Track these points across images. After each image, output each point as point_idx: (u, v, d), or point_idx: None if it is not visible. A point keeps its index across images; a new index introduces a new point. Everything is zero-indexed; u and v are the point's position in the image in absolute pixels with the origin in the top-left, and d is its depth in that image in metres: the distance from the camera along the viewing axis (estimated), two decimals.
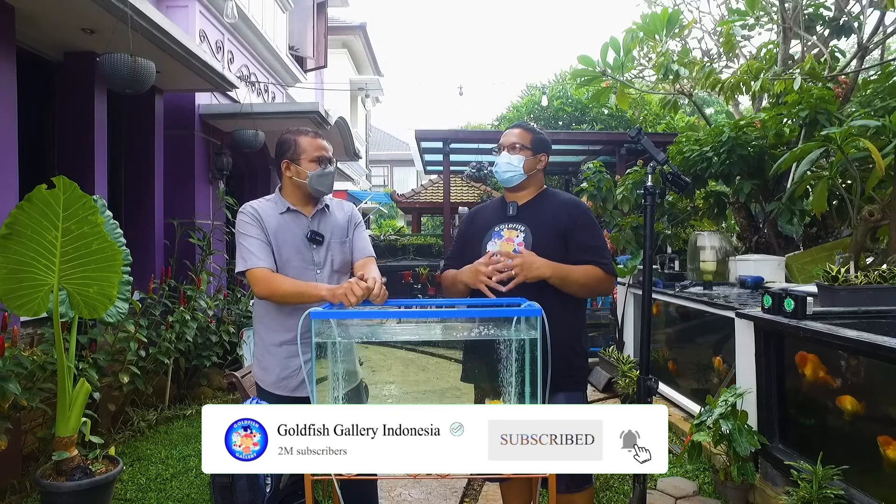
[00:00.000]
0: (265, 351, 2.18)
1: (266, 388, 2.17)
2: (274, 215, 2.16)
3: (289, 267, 2.12)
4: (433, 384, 3.50)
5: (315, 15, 10.11)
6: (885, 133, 3.52)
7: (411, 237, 13.66)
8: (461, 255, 2.29)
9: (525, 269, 1.98)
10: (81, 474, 2.81)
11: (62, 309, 2.92)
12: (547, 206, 2.21)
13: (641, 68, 7.39)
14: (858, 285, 2.78)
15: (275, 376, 2.15)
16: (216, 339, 5.00)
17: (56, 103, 4.52)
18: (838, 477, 2.38)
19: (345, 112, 14.54)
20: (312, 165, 2.16)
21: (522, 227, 2.17)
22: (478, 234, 2.25)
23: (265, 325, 2.18)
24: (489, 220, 2.26)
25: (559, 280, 2.03)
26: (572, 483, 2.12)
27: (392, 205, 16.77)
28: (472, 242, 2.25)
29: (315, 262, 2.17)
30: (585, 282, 2.08)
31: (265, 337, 2.18)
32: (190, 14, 5.94)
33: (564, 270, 2.04)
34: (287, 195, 2.22)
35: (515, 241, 2.15)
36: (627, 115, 13.32)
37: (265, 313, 2.17)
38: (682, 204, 5.69)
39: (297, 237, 2.16)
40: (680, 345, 4.70)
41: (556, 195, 2.27)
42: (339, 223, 2.26)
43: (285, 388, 2.14)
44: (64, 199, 2.56)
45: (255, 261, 2.06)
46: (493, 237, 2.20)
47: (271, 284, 2.05)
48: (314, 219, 2.21)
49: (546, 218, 2.17)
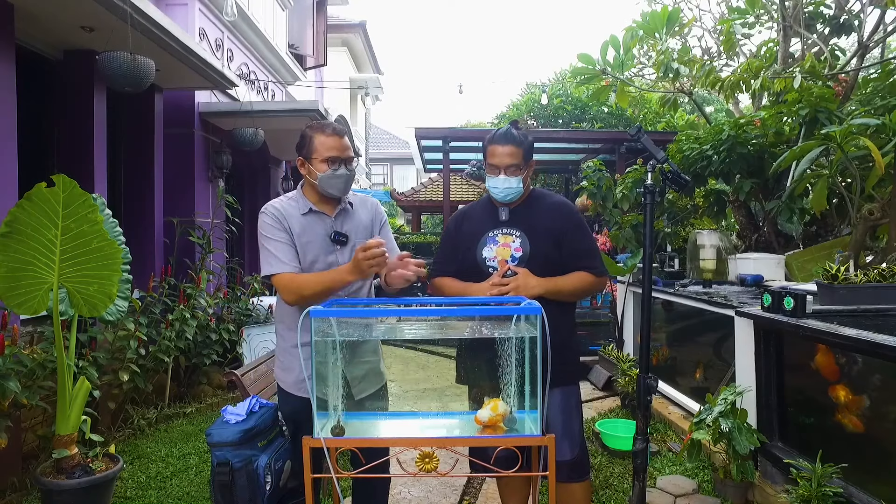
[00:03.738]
0: (286, 351, 2.13)
1: (286, 389, 2.13)
2: (297, 216, 2.08)
3: (314, 269, 2.06)
4: (433, 382, 3.50)
5: (315, 13, 10.10)
6: (884, 131, 3.52)
7: (411, 236, 13.66)
8: (450, 261, 2.28)
9: (521, 290, 2.04)
10: (81, 472, 2.82)
11: (62, 307, 2.92)
12: (539, 209, 2.22)
13: (641, 66, 7.38)
14: (858, 284, 2.78)
15: (295, 377, 2.09)
16: (216, 338, 5.00)
17: (55, 101, 4.51)
18: (837, 475, 2.38)
19: (344, 110, 14.54)
20: (323, 166, 2.04)
21: (518, 231, 2.17)
22: (469, 239, 2.23)
23: (286, 324, 2.13)
24: (481, 224, 2.24)
25: (553, 294, 2.10)
26: (573, 473, 2.15)
27: (392, 203, 16.74)
28: (463, 248, 2.23)
29: (340, 264, 2.08)
30: (577, 290, 2.17)
31: (286, 337, 2.12)
32: (189, 12, 5.93)
33: (557, 286, 2.11)
34: (307, 193, 2.14)
35: (512, 247, 2.15)
36: (627, 114, 13.30)
37: (286, 313, 2.11)
38: (681, 202, 5.69)
39: (321, 238, 2.09)
40: (680, 343, 4.70)
41: (545, 197, 2.28)
42: (363, 222, 2.19)
43: (305, 389, 2.11)
44: (63, 197, 2.56)
45: (280, 265, 2.00)
46: (487, 243, 2.18)
47: (296, 289, 1.98)
48: (337, 218, 2.13)
49: (540, 222, 2.18)
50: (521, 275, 2.08)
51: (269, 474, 1.86)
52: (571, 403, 2.20)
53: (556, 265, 2.14)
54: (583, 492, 2.21)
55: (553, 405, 2.10)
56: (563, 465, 2.10)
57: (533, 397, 1.79)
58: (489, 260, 2.17)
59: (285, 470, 1.95)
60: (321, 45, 10.36)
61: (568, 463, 2.13)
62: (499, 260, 2.15)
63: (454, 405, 2.23)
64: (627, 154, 9.48)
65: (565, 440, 2.12)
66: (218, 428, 1.88)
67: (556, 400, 2.11)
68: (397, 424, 1.96)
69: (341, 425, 1.76)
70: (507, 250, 2.15)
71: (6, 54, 3.56)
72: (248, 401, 1.99)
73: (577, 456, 2.16)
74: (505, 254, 2.15)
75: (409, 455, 1.80)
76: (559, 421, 2.12)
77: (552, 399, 2.10)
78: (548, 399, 2.09)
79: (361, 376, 2.09)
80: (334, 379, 1.86)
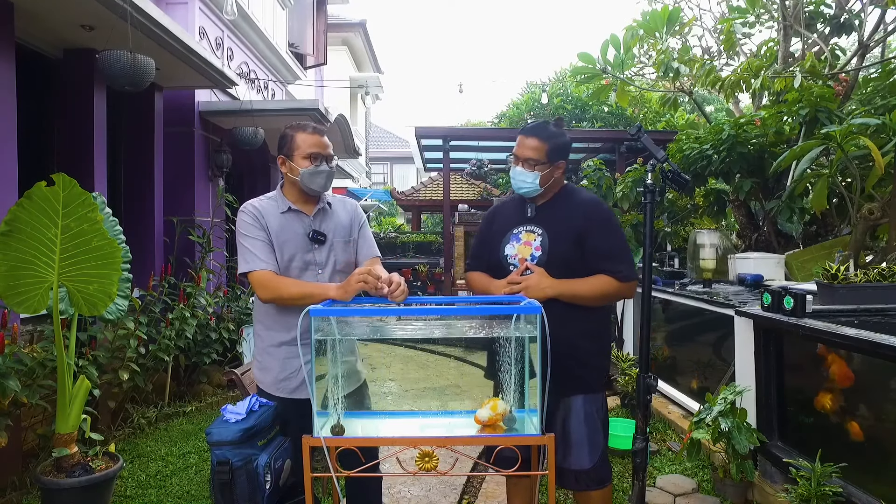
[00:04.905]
0: (264, 351, 2.15)
1: (265, 389, 2.14)
2: (275, 215, 2.10)
3: (291, 268, 2.08)
4: (432, 382, 3.50)
5: (315, 12, 10.10)
6: (885, 131, 3.52)
7: (411, 235, 13.66)
8: (482, 255, 2.27)
9: (531, 291, 2.00)
10: (81, 471, 2.82)
11: (62, 306, 2.92)
12: (564, 207, 2.16)
13: (641, 66, 7.38)
14: (858, 283, 2.78)
15: (273, 377, 2.12)
16: (216, 337, 5.00)
17: (55, 100, 4.51)
18: (837, 475, 2.38)
19: (345, 109, 14.51)
20: (305, 163, 2.08)
21: (540, 230, 2.13)
22: (497, 234, 2.21)
23: (264, 324, 2.14)
24: (508, 220, 2.22)
25: (568, 297, 2.03)
26: (591, 482, 2.09)
27: (392, 202, 16.75)
28: (492, 243, 2.22)
29: (317, 263, 2.12)
30: (596, 295, 2.06)
31: (264, 337, 2.15)
32: (189, 11, 5.93)
33: (572, 289, 2.04)
34: (287, 192, 2.17)
35: (533, 246, 2.12)
36: (627, 113, 13.30)
37: (265, 313, 2.13)
38: (681, 202, 5.69)
39: (299, 237, 2.11)
40: (679, 342, 4.70)
41: (575, 194, 2.20)
42: (342, 222, 2.21)
43: (284, 389, 2.11)
44: (63, 196, 2.56)
45: (257, 262, 2.02)
46: (511, 240, 2.17)
47: (275, 288, 2.00)
48: (316, 218, 2.15)
49: (562, 221, 2.12)
50: (535, 275, 2.04)
51: (269, 473, 1.86)
52: (593, 411, 2.11)
53: (577, 266, 2.07)
54: (601, 499, 2.15)
55: (574, 412, 2.06)
56: (582, 474, 2.07)
57: (532, 399, 1.79)
58: (511, 257, 2.14)
59: (285, 469, 1.95)
60: (321, 44, 10.36)
61: (587, 471, 2.08)
62: (519, 258, 2.12)
63: (454, 404, 2.23)
64: (627, 153, 9.48)
65: (584, 448, 2.07)
66: (218, 427, 1.88)
67: (577, 406, 2.07)
68: (397, 423, 1.96)
69: (341, 424, 1.76)
70: (528, 248, 2.12)
71: (6, 53, 3.56)
72: (247, 400, 1.99)
73: (596, 464, 2.09)
74: (525, 252, 2.11)
75: (408, 454, 1.80)
76: (580, 430, 2.07)
77: (573, 405, 2.08)
78: (569, 405, 2.08)
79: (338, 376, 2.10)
80: (333, 378, 1.86)
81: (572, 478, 2.10)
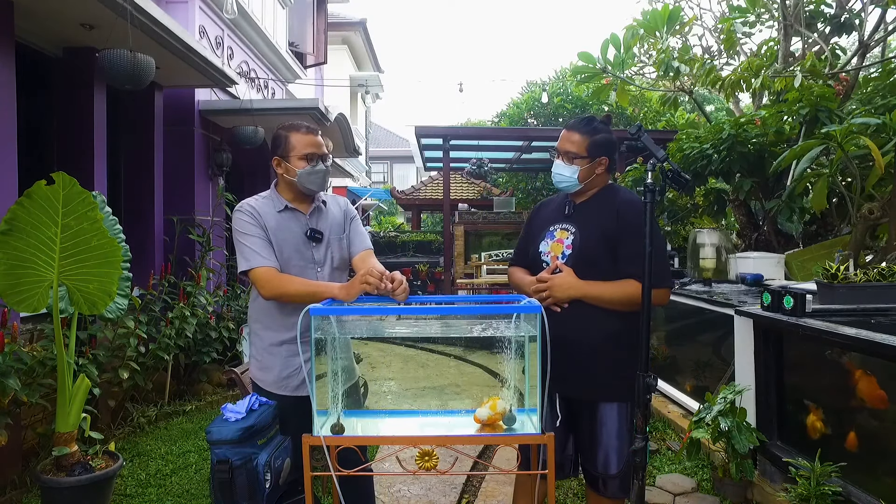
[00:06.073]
0: (264, 350, 2.14)
1: (265, 388, 2.14)
2: (272, 214, 2.11)
3: (290, 266, 2.08)
4: (432, 381, 3.50)
5: (315, 11, 10.09)
6: (885, 131, 3.52)
7: (411, 234, 13.67)
8: (524, 251, 2.25)
9: (555, 290, 1.99)
10: (81, 470, 2.82)
11: (62, 305, 2.92)
12: (600, 206, 2.10)
13: (642, 65, 7.38)
14: (858, 283, 2.78)
15: (275, 376, 2.12)
16: (216, 336, 5.00)
17: (55, 99, 4.51)
18: (836, 474, 2.38)
19: (345, 108, 14.49)
20: (302, 163, 2.08)
21: (573, 228, 2.09)
22: (537, 231, 2.20)
23: (264, 324, 2.14)
24: (549, 217, 2.20)
25: (593, 300, 2.00)
26: (620, 490, 2.04)
27: (392, 201, 16.76)
28: (532, 240, 2.20)
29: (315, 260, 2.13)
30: (623, 299, 1.99)
31: (264, 336, 2.15)
32: (189, 10, 5.92)
33: (599, 292, 1.99)
34: (282, 192, 2.17)
35: (564, 244, 2.09)
36: (627, 112, 13.29)
37: (265, 313, 2.13)
38: (682, 201, 5.69)
39: (297, 235, 2.12)
40: (679, 342, 4.71)
41: (615, 194, 2.14)
42: (336, 219, 2.22)
43: (286, 387, 2.11)
44: (63, 195, 2.56)
45: (259, 260, 2.02)
46: (546, 237, 2.15)
47: (279, 285, 2.00)
48: (312, 216, 2.17)
49: (595, 219, 2.07)
50: (562, 274, 2.01)
51: (269, 472, 1.86)
52: (624, 422, 2.06)
53: (607, 267, 2.02)
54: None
55: (607, 421, 2.02)
56: (609, 479, 2.04)
57: (532, 399, 1.79)
58: (544, 254, 2.12)
59: (285, 468, 1.95)
60: (321, 43, 10.36)
61: (612, 476, 2.04)
62: (551, 255, 2.10)
63: (453, 403, 2.23)
64: (627, 153, 9.46)
65: (614, 455, 2.03)
66: (218, 426, 1.87)
67: (609, 415, 2.03)
68: (396, 422, 1.96)
69: (341, 423, 1.76)
70: (560, 246, 2.09)
71: (6, 51, 3.56)
72: (247, 399, 1.99)
73: (622, 471, 2.05)
74: (557, 249, 2.09)
75: (408, 453, 1.80)
76: (610, 440, 2.02)
77: (607, 412, 2.03)
78: (600, 413, 2.03)
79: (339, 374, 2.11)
80: (333, 377, 1.86)
81: (599, 482, 2.07)
